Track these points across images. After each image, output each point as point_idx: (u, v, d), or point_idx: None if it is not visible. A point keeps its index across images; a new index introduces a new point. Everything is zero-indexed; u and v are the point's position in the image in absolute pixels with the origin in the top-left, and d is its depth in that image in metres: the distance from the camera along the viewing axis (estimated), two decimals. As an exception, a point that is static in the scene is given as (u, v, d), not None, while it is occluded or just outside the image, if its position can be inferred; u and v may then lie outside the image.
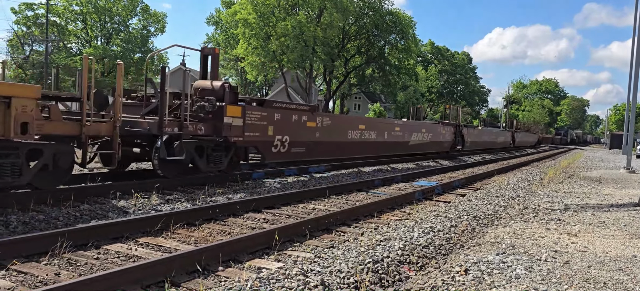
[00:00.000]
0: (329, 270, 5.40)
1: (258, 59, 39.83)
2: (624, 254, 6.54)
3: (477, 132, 36.20)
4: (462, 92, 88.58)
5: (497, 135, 43.75)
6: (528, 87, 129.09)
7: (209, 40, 64.61)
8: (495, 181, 16.71)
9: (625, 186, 16.03)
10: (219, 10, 58.94)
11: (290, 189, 11.69)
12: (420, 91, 77.34)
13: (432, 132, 26.07)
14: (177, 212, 7.78)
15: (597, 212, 10.12)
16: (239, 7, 40.25)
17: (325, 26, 38.87)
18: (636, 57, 18.77)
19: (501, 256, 6.08)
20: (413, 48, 49.08)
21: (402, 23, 46.22)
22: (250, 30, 39.00)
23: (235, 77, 71.43)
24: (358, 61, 49.37)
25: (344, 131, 17.21)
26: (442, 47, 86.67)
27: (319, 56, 41.52)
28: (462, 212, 9.62)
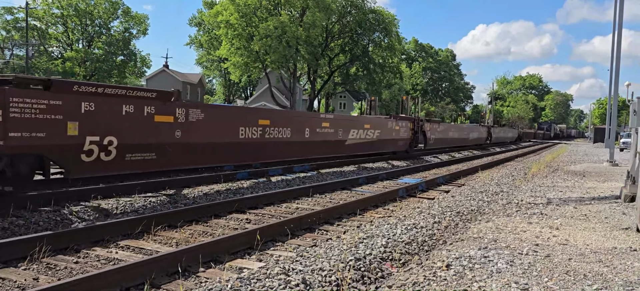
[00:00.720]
0: (311, 269, 5.37)
1: (241, 60, 39.65)
2: (604, 246, 6.59)
3: (444, 128, 31.79)
4: (447, 89, 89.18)
5: (470, 131, 39.83)
6: (512, 83, 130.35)
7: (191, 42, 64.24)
8: (480, 176, 16.82)
9: (608, 179, 16.22)
10: (201, 11, 58.61)
11: (274, 189, 11.63)
12: (405, 88, 77.69)
13: (380, 128, 21.26)
14: (159, 214, 7.69)
15: (579, 205, 10.21)
16: (221, 8, 40.05)
17: (308, 25, 38.82)
18: (617, 51, 19.00)
19: (483, 251, 6.09)
20: (397, 46, 49.26)
21: (386, 21, 46.36)
22: (232, 31, 38.83)
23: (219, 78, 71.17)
24: (342, 60, 49.42)
25: (232, 129, 12.50)
26: (426, 45, 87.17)
27: (303, 56, 41.48)
28: (445, 208, 9.65)
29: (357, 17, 45.46)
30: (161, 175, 12.47)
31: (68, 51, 50.03)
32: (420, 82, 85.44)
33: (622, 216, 8.87)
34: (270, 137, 13.87)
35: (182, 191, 10.90)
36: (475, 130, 41.65)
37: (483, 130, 43.92)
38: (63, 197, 9.13)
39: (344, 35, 47.38)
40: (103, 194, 9.77)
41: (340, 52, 48.78)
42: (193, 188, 11.42)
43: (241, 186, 12.18)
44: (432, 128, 28.50)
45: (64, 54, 50.24)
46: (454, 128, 35.30)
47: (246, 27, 39.05)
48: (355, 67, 50.54)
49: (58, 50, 52.11)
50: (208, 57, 63.10)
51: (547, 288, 4.77)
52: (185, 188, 11.42)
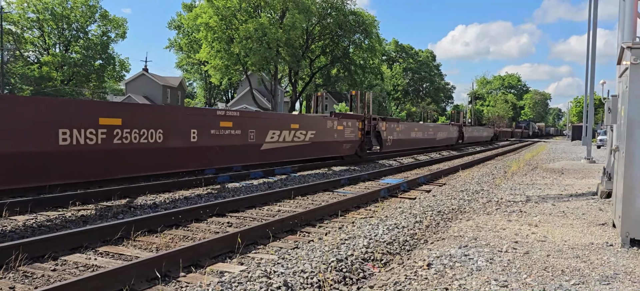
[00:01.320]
0: (293, 271, 5.35)
1: (221, 63, 39.43)
2: (581, 242, 6.70)
3: (405, 127, 27.83)
4: (428, 89, 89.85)
5: (437, 130, 35.70)
6: (492, 82, 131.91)
7: (171, 45, 63.71)
8: (461, 175, 16.96)
9: (585, 176, 16.49)
10: (180, 14, 58.15)
11: (255, 192, 11.58)
12: (387, 89, 78.09)
13: (315, 129, 17.17)
14: (138, 219, 7.59)
15: (557, 202, 10.36)
16: (200, 10, 39.79)
17: (288, 27, 38.79)
18: (592, 51, 19.35)
19: (463, 250, 6.14)
20: (377, 47, 49.49)
21: (366, 22, 46.56)
22: (212, 33, 38.60)
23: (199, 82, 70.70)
24: (323, 61, 49.49)
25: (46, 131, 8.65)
26: (406, 46, 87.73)
27: (284, 58, 41.42)
28: (426, 207, 9.70)
29: (337, 18, 45.58)
30: (140, 180, 12.33)
31: (44, 55, 49.22)
32: (401, 83, 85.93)
33: (599, 212, 9.02)
34: (120, 143, 9.91)
35: (162, 196, 10.79)
36: (444, 129, 37.61)
37: (453, 129, 39.97)
38: (40, 204, 8.98)
39: (325, 37, 47.47)
40: (81, 200, 9.63)
41: (321, 53, 48.85)
42: (174, 192, 11.32)
43: (223, 189, 12.11)
44: (390, 128, 24.79)
45: (40, 58, 49.39)
46: (418, 128, 31.08)
47: (226, 30, 38.85)
48: (336, 69, 50.66)
49: (34, 55, 51.24)
50: (188, 61, 62.66)
51: (526, 284, 4.82)
52: (165, 192, 11.31)
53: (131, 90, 60.78)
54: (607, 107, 8.48)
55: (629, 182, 6.25)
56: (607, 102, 8.13)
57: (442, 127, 37.79)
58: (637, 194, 6.19)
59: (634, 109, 6.18)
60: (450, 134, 38.29)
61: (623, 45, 6.58)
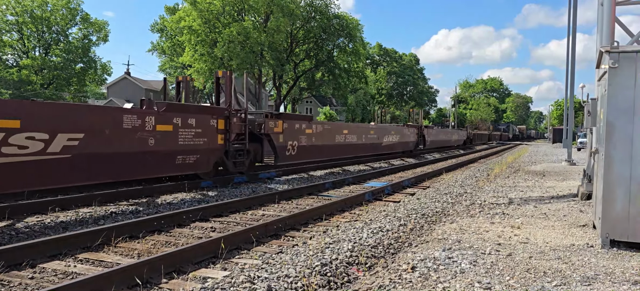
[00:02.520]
0: (277, 276, 5.31)
1: (205, 66, 39.16)
2: (562, 243, 6.76)
3: (323, 129, 19.60)
4: (411, 93, 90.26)
5: (384, 134, 26.78)
6: (474, 86, 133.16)
7: (154, 48, 63.16)
8: (444, 178, 17.06)
9: (566, 178, 16.69)
10: (163, 17, 57.66)
11: (239, 196, 11.51)
12: (370, 93, 78.34)
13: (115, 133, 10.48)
14: (119, 225, 7.48)
15: (539, 204, 10.46)
16: (184, 13, 39.51)
17: (272, 31, 38.70)
18: (571, 55, 19.60)
19: (447, 252, 6.16)
20: (361, 51, 49.60)
21: (350, 26, 46.66)
22: (195, 37, 38.33)
23: (183, 85, 70.13)
24: (307, 65, 49.47)
25: None
26: (390, 50, 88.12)
27: (268, 61, 41.29)
28: (410, 211, 9.73)
29: (322, 22, 45.59)
30: (123, 185, 12.18)
31: (24, 58, 48.42)
32: (385, 86, 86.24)
33: (580, 213, 9.13)
34: None
35: (144, 200, 10.66)
36: (396, 132, 29.10)
37: (410, 132, 31.59)
38: (18, 210, 8.81)
39: (309, 41, 47.45)
40: (61, 205, 9.47)
41: (305, 57, 48.81)
42: (156, 197, 11.19)
43: (205, 194, 12.01)
44: (292, 130, 16.83)
45: (19, 62, 48.59)
46: (348, 129, 22.22)
47: (209, 33, 38.61)
48: (321, 72, 50.66)
49: (13, 58, 50.37)
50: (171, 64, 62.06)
51: (509, 286, 4.85)
52: (148, 197, 11.18)
53: (113, 94, 60.11)
54: (586, 110, 8.59)
55: (608, 184, 6.33)
56: (587, 106, 8.23)
57: (391, 129, 29.30)
58: (616, 195, 6.27)
59: (613, 112, 6.27)
60: (404, 138, 30.15)
61: (601, 49, 6.67)
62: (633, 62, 6.10)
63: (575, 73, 20.78)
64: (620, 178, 6.24)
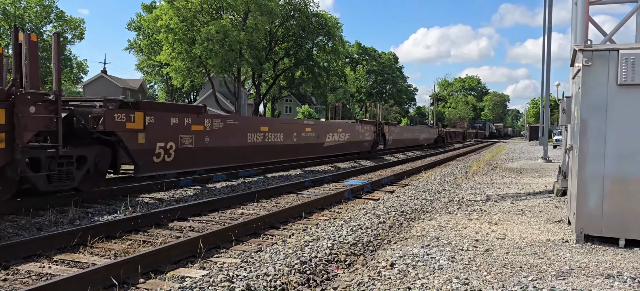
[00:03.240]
0: (256, 274, 5.29)
1: (183, 65, 38.79)
2: (538, 239, 6.87)
3: (225, 127, 14.31)
4: (391, 91, 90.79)
5: (324, 132, 21.31)
6: (453, 84, 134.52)
7: (131, 46, 62.35)
8: (423, 176, 17.20)
9: (542, 174, 16.97)
10: (140, 15, 56.95)
11: (218, 195, 11.43)
12: (350, 91, 78.59)
13: None
14: (96, 225, 7.36)
15: (516, 201, 10.61)
16: (161, 12, 39.07)
17: (251, 29, 38.51)
18: (547, 54, 19.93)
19: (426, 249, 6.20)
20: (340, 49, 49.72)
21: (329, 25, 46.73)
22: (173, 35, 37.94)
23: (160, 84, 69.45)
24: (287, 64, 49.40)
25: None
26: (369, 48, 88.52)
27: (247, 60, 41.10)
28: (390, 208, 9.78)
29: (301, 20, 45.57)
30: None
31: (-3, 57, 47.35)
32: (364, 85, 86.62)
33: (555, 209, 9.29)
34: None
35: (121, 201, 10.51)
36: (345, 130, 23.78)
37: (366, 130, 26.78)
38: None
39: (288, 39, 47.39)
40: (36, 206, 9.28)
41: (284, 56, 48.74)
42: (134, 197, 11.04)
43: (184, 193, 11.90)
44: (162, 129, 11.92)
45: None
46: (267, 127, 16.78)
47: (187, 32, 38.26)
48: (300, 71, 50.65)
49: (-14, 56, 49.21)
50: (149, 62, 61.37)
51: (486, 281, 4.91)
52: (125, 196, 11.03)
53: (89, 92, 59.15)
54: (561, 108, 8.74)
55: (582, 180, 6.45)
56: (562, 103, 8.38)
57: (337, 126, 23.41)
58: (590, 191, 6.39)
59: (586, 110, 6.38)
60: (357, 137, 25.19)
61: (575, 48, 6.79)
62: (606, 61, 6.22)
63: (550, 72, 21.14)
64: (594, 175, 6.36)
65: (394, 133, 33.17)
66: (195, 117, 13.10)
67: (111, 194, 10.89)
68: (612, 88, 6.21)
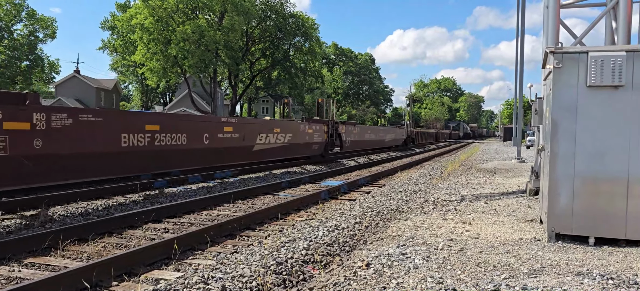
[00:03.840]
0: (231, 276, 5.26)
1: (158, 65, 38.31)
2: (511, 237, 6.98)
3: (77, 125, 10.11)
4: (367, 92, 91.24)
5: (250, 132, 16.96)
6: (428, 86, 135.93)
7: (104, 46, 61.37)
8: (399, 176, 17.32)
9: (516, 175, 17.25)
10: (114, 14, 56.09)
11: (194, 196, 11.32)
12: (327, 92, 78.71)
13: None
14: (68, 228, 7.22)
15: (490, 200, 10.77)
16: (135, 11, 38.53)
17: (227, 30, 38.26)
18: (520, 56, 20.29)
19: (401, 249, 6.25)
20: (317, 50, 49.76)
21: (306, 26, 46.74)
22: (148, 35, 37.45)
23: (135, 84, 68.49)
24: (263, 64, 49.25)
25: None
26: (346, 49, 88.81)
27: (223, 60, 40.83)
28: (366, 208, 9.82)
29: (277, 21, 45.49)
30: (72, 186, 11.77)
31: (-36, 56, 46.10)
32: (341, 86, 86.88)
33: (528, 209, 9.45)
34: None
35: (95, 203, 10.34)
36: (286, 130, 19.68)
37: (315, 130, 22.53)
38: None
39: (265, 40, 47.25)
40: (5, 209, 9.07)
41: (261, 56, 48.57)
42: (108, 199, 10.87)
43: (160, 194, 11.75)
44: None
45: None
46: (169, 126, 12.97)
47: (162, 31, 37.82)
48: (277, 72, 50.55)
49: (-47, 55, 47.85)
50: (123, 62, 60.47)
51: (460, 280, 4.97)
52: (99, 199, 10.85)
53: (62, 93, 58.00)
54: (534, 109, 8.91)
55: (553, 180, 6.58)
56: (534, 105, 8.54)
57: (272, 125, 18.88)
58: (561, 191, 6.52)
59: (557, 111, 6.52)
60: (301, 139, 20.95)
61: (547, 50, 6.93)
62: (576, 63, 6.36)
63: (523, 73, 21.53)
64: (565, 174, 6.49)
65: (353, 134, 29.07)
66: (12, 111, 8.81)
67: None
68: (582, 90, 6.35)
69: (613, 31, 10.37)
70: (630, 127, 6.24)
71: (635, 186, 6.27)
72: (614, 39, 10.19)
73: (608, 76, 6.19)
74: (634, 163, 6.25)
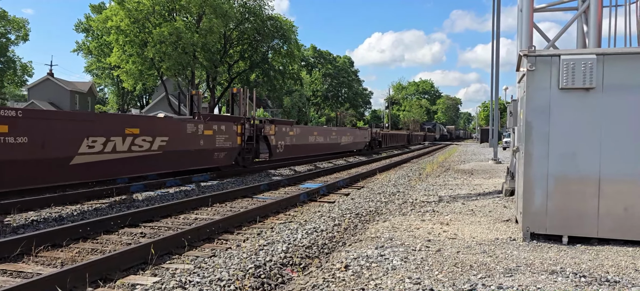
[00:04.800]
0: (209, 280, 5.22)
1: (134, 67, 37.78)
2: (488, 238, 7.08)
3: None
4: (346, 94, 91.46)
5: (75, 135, 10.76)
6: (407, 88, 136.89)
7: (79, 48, 60.36)
8: (379, 178, 17.41)
9: (492, 175, 17.48)
10: (89, 16, 55.22)
11: (171, 200, 11.21)
12: (306, 94, 78.68)
13: None
14: (41, 233, 7.08)
15: (467, 201, 10.89)
16: (111, 12, 37.95)
17: (205, 32, 37.95)
18: (496, 59, 20.60)
19: (380, 250, 6.28)
20: (296, 53, 49.69)
21: (284, 28, 46.64)
22: (124, 37, 36.92)
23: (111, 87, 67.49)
24: (242, 67, 48.98)
25: None
26: (324, 52, 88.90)
27: (201, 63, 40.50)
28: (345, 211, 9.85)
29: (255, 23, 45.29)
30: (45, 191, 11.54)
31: None
32: (320, 88, 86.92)
33: (504, 209, 9.59)
34: None
35: (69, 208, 10.15)
36: (154, 132, 13.36)
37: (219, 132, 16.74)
38: None
39: (243, 42, 47.01)
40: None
41: (239, 59, 48.29)
42: (82, 204, 10.69)
43: (136, 199, 11.61)
44: None
45: None
46: None
47: (139, 33, 37.32)
48: (255, 74, 50.32)
49: None
50: (98, 65, 59.52)
51: (438, 280, 5.01)
52: (74, 204, 10.66)
53: (35, 96, 56.83)
54: (509, 111, 9.04)
55: (528, 180, 6.69)
56: (509, 106, 8.67)
57: (122, 121, 12.65)
58: (535, 191, 6.64)
59: (531, 113, 6.64)
60: (189, 144, 14.91)
61: (520, 53, 7.05)
62: (548, 66, 6.49)
63: (499, 75, 21.84)
64: (539, 175, 6.61)
65: (288, 137, 22.50)
66: None
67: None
68: (555, 92, 6.48)
69: (584, 35, 10.61)
70: (600, 128, 6.39)
71: (606, 186, 6.41)
72: (586, 42, 10.42)
73: (579, 79, 6.33)
74: (604, 163, 6.40)
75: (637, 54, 6.36)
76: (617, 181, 6.39)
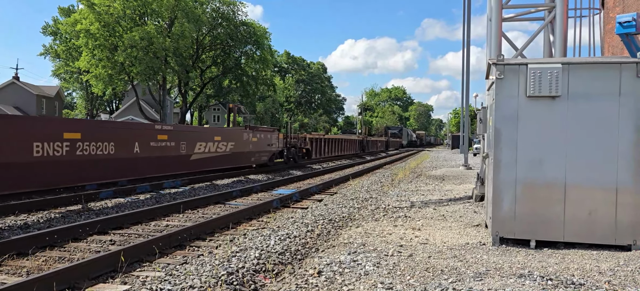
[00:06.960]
0: (181, 288, 5.16)
1: (104, 72, 37.15)
2: (458, 242, 7.19)
3: None
4: (320, 100, 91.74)
5: None
6: (379, 95, 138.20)
7: (46, 52, 59.02)
8: (351, 184, 17.48)
9: (463, 181, 17.76)
10: (57, 19, 54.10)
11: (142, 207, 11.04)
12: (279, 100, 78.64)
13: None
14: (5, 242, 6.88)
15: (438, 207, 11.04)
16: (80, 16, 37.27)
17: (177, 36, 37.63)
18: (466, 66, 20.97)
19: (352, 256, 6.31)
20: (269, 58, 49.67)
21: (257, 34, 46.59)
22: (93, 41, 36.29)
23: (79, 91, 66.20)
24: (214, 72, 48.69)
25: None
26: (298, 58, 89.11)
27: (173, 67, 40.09)
28: (318, 216, 9.86)
29: (228, 29, 45.13)
30: (9, 198, 11.23)
31: None
32: (293, 94, 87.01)
33: (474, 214, 9.76)
34: None
35: (36, 215, 9.90)
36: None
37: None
38: None
39: (216, 47, 46.76)
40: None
41: (212, 64, 48.02)
42: (49, 211, 10.44)
43: (105, 206, 11.39)
44: None
45: None
46: None
47: (109, 37, 36.74)
48: (228, 80, 50.08)
49: None
50: (66, 69, 58.31)
51: (409, 285, 5.07)
52: (40, 211, 10.40)
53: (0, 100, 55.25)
54: (479, 118, 9.21)
55: (497, 186, 6.83)
56: (479, 113, 8.84)
57: None
58: (504, 196, 6.78)
59: (500, 119, 6.78)
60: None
61: (489, 61, 7.21)
62: (516, 74, 6.65)
63: (470, 83, 22.23)
64: (507, 181, 6.76)
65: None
66: None
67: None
68: (522, 99, 6.64)
69: (551, 44, 10.89)
70: (566, 135, 6.58)
71: (571, 192, 6.60)
72: (552, 52, 10.70)
73: (546, 87, 6.50)
74: (570, 169, 6.58)
75: (600, 63, 6.57)
76: (581, 187, 6.58)
